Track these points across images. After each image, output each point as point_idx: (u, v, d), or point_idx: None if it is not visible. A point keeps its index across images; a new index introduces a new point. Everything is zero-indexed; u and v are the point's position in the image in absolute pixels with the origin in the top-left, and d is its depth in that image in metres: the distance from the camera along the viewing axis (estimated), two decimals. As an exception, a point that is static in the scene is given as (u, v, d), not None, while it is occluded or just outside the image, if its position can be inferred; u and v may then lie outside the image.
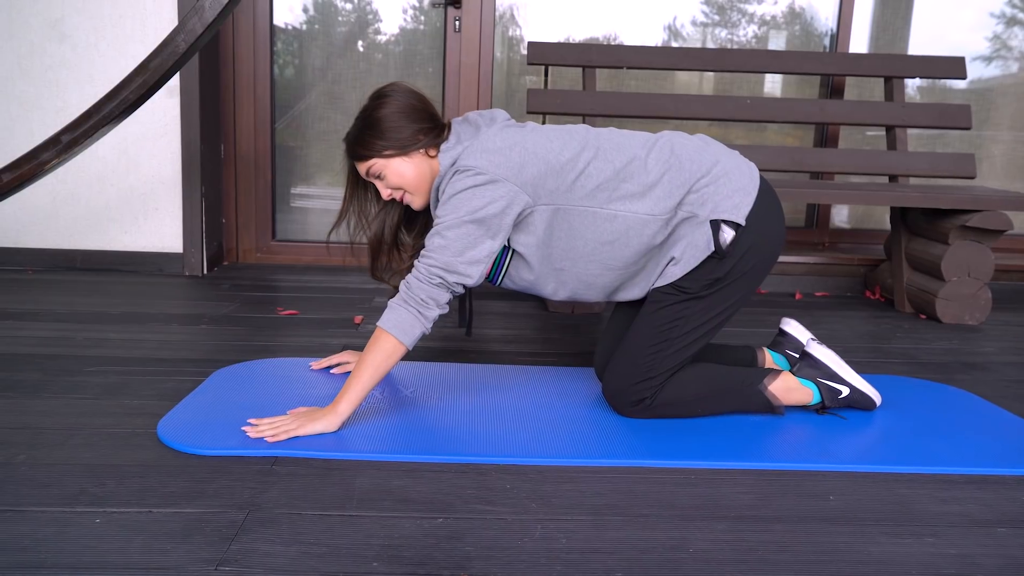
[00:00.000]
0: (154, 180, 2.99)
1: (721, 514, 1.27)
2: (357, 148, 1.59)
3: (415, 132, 1.57)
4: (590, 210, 1.54)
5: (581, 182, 1.53)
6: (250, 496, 1.25)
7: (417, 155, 1.59)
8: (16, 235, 2.99)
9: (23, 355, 1.92)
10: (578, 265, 1.58)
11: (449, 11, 3.23)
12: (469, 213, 1.48)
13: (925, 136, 3.49)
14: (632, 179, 1.54)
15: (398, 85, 1.61)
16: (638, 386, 1.59)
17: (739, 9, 3.36)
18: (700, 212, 1.53)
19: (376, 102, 1.59)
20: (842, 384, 1.68)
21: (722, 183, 1.55)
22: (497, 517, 1.22)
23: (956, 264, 2.63)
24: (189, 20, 2.28)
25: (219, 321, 2.33)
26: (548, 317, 2.56)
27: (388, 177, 1.59)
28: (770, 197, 1.60)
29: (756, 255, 1.57)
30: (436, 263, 1.48)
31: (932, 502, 1.33)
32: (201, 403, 1.62)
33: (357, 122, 1.60)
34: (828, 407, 1.69)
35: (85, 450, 1.40)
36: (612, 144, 1.58)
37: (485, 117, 1.62)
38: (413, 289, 1.48)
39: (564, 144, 1.56)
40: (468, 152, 1.53)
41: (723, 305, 1.59)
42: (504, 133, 1.55)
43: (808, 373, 1.69)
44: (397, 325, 1.47)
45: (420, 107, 1.59)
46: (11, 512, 1.17)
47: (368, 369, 1.47)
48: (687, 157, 1.57)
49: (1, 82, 2.89)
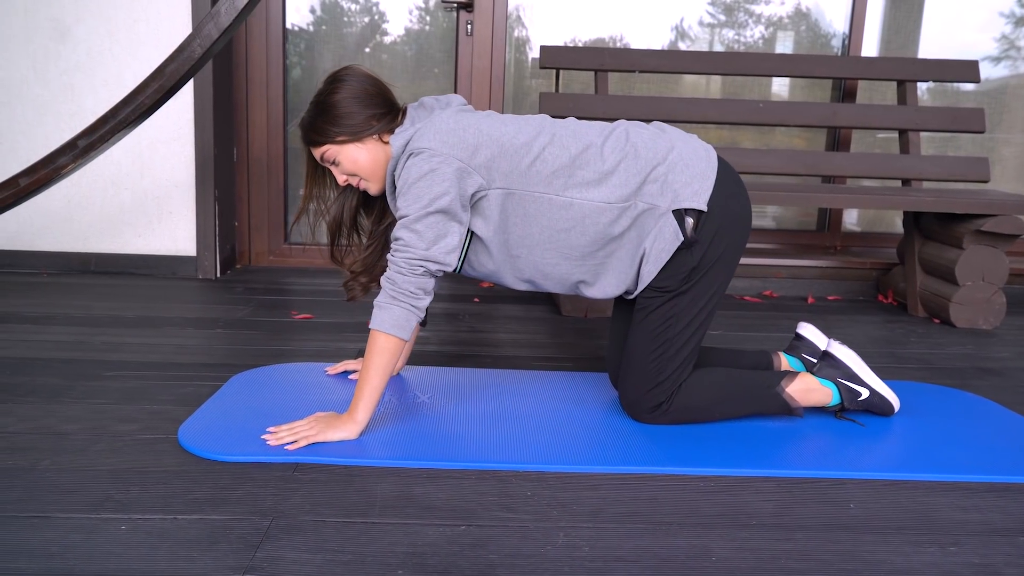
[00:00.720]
0: (168, 184, 3.00)
1: (743, 522, 1.27)
2: (310, 134, 1.57)
3: (368, 118, 1.55)
4: (545, 196, 1.53)
5: (537, 167, 1.52)
6: (273, 503, 1.26)
7: (371, 141, 1.57)
8: (31, 238, 3.00)
9: (42, 359, 1.93)
10: (534, 253, 1.57)
11: (461, 14, 3.23)
12: (431, 202, 1.46)
13: (937, 139, 3.49)
14: (588, 166, 1.53)
15: (353, 69, 1.58)
16: (651, 393, 1.60)
17: (746, 10, 3.36)
18: (660, 203, 1.52)
19: (330, 87, 1.56)
20: (862, 386, 1.68)
21: (679, 170, 1.54)
22: (519, 524, 1.23)
23: (970, 268, 2.62)
24: (205, 25, 2.29)
25: (234, 325, 2.34)
26: (561, 321, 2.56)
27: (342, 163, 1.58)
28: (730, 178, 1.59)
29: (725, 238, 1.56)
30: (414, 255, 1.47)
31: (953, 510, 1.33)
32: (220, 408, 1.63)
33: (311, 107, 1.58)
34: (847, 409, 1.68)
35: (108, 455, 1.41)
36: (568, 131, 1.57)
37: (441, 101, 1.60)
38: (399, 284, 1.47)
39: (519, 129, 1.55)
40: (420, 133, 1.51)
41: (707, 294, 1.58)
42: (458, 116, 1.54)
43: (828, 373, 1.69)
44: (394, 324, 1.47)
45: (374, 91, 1.57)
46: (38, 518, 1.18)
47: (376, 372, 1.48)
48: (642, 145, 1.56)
49: (16, 86, 2.90)
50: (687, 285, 1.56)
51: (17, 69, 2.89)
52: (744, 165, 2.93)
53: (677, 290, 1.56)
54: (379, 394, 1.50)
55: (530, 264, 1.59)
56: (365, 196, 1.71)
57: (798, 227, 3.52)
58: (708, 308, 1.59)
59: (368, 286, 1.71)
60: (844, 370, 1.69)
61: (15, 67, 2.89)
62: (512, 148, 1.52)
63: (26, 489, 1.27)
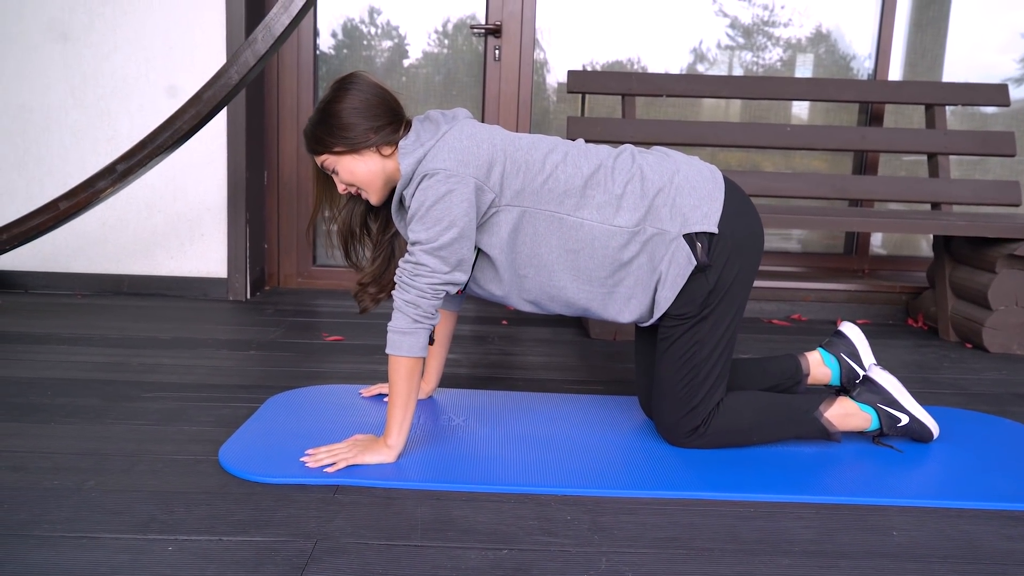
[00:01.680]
0: (200, 207, 3.05)
1: (784, 548, 1.26)
2: (310, 142, 1.57)
3: (367, 130, 1.52)
4: (556, 215, 1.52)
5: (549, 185, 1.52)
6: (316, 525, 1.27)
7: (368, 153, 1.54)
8: (67, 260, 3.06)
9: (82, 380, 1.96)
10: (541, 273, 1.56)
11: (489, 40, 3.28)
12: (451, 225, 1.45)
13: (965, 162, 3.47)
14: (599, 187, 1.53)
15: (359, 77, 1.55)
16: (685, 418, 1.60)
17: (765, 32, 3.38)
18: (671, 228, 1.52)
19: (334, 95, 1.54)
20: (902, 412, 1.67)
21: (686, 193, 1.54)
22: (561, 549, 1.23)
23: (1003, 293, 2.60)
24: (242, 53, 2.33)
25: (267, 347, 2.36)
26: (589, 344, 2.57)
27: (340, 173, 1.57)
28: (737, 197, 1.59)
29: (739, 258, 1.56)
30: (439, 280, 1.47)
31: (998, 539, 1.31)
32: (258, 430, 1.64)
33: (314, 113, 1.56)
34: (886, 434, 1.67)
35: (151, 476, 1.42)
36: (580, 151, 1.57)
37: (447, 116, 1.58)
38: (423, 308, 1.47)
39: (532, 145, 1.55)
40: (434, 152, 1.49)
41: (729, 316, 1.58)
42: (471, 130, 1.53)
43: (868, 398, 1.68)
44: (421, 348, 1.48)
45: (377, 102, 1.53)
46: (87, 539, 1.20)
47: (410, 396, 1.49)
48: (648, 167, 1.56)
49: (55, 112, 2.97)
50: (707, 310, 1.56)
51: (56, 94, 2.96)
52: (771, 188, 2.93)
53: (698, 315, 1.56)
54: (411, 416, 1.51)
55: (536, 284, 1.58)
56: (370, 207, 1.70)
57: (825, 250, 3.51)
58: (731, 329, 1.59)
59: (377, 297, 1.70)
60: (884, 395, 1.68)
61: (54, 92, 2.96)
62: (525, 165, 1.52)
63: (73, 509, 1.29)
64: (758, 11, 3.36)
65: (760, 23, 3.37)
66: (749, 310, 3.12)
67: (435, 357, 1.88)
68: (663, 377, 1.61)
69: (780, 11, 3.36)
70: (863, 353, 1.83)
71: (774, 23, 3.37)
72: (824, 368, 1.83)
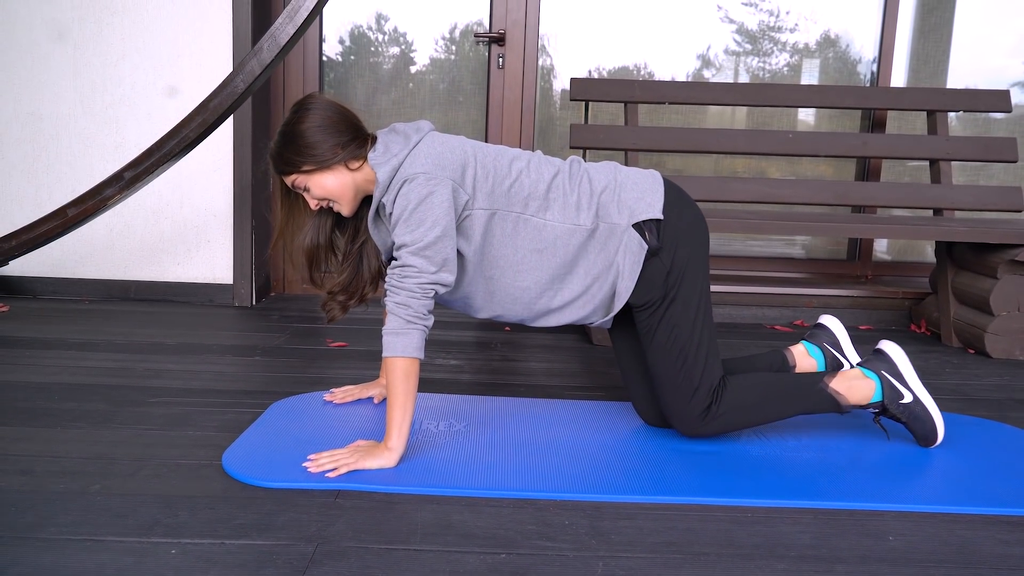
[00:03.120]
0: (206, 213, 3.08)
1: (781, 553, 1.27)
2: (278, 163, 1.61)
3: (333, 147, 1.57)
4: (523, 216, 1.60)
5: (515, 189, 1.59)
6: (317, 529, 1.28)
7: (337, 167, 1.59)
8: (75, 266, 3.09)
9: (89, 385, 1.99)
10: (507, 274, 1.62)
11: (493, 48, 3.30)
12: (434, 225, 1.50)
13: (968, 167, 3.48)
14: (559, 191, 1.62)
15: (317, 97, 1.61)
16: (693, 402, 1.62)
17: (771, 38, 3.39)
18: (620, 221, 1.61)
19: (295, 116, 1.59)
20: (906, 388, 1.68)
21: (628, 188, 1.64)
22: (559, 553, 1.24)
23: (1005, 298, 2.61)
24: (248, 62, 2.36)
25: (271, 352, 2.39)
26: (591, 351, 2.58)
27: (312, 189, 1.61)
28: (676, 191, 1.68)
29: (688, 241, 1.64)
30: (427, 280, 1.51)
31: (995, 544, 1.32)
32: (262, 435, 1.66)
33: (278, 136, 1.60)
34: (887, 410, 1.67)
35: (155, 481, 1.45)
36: (540, 159, 1.66)
37: (411, 127, 1.63)
38: (414, 308, 1.50)
39: (499, 152, 1.64)
40: (411, 159, 1.55)
41: (696, 296, 1.64)
42: (442, 139, 1.59)
43: (874, 365, 1.69)
44: (418, 348, 1.51)
45: (338, 119, 1.59)
46: (92, 542, 1.22)
47: (408, 398, 1.51)
48: (593, 170, 1.67)
49: (64, 120, 3.00)
50: (672, 292, 1.62)
51: (65, 103, 3.00)
52: (774, 195, 2.94)
53: (664, 298, 1.62)
54: (411, 419, 1.53)
55: (502, 286, 1.64)
56: (338, 217, 1.74)
57: (828, 256, 3.51)
58: (703, 308, 1.65)
59: (346, 304, 1.74)
60: (891, 367, 1.68)
61: (63, 101, 2.99)
62: (494, 170, 1.60)
63: (79, 513, 1.31)
64: (764, 17, 3.37)
65: (766, 28, 3.39)
66: (751, 316, 3.13)
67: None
68: (657, 371, 1.65)
69: (786, 16, 3.37)
70: (844, 344, 1.88)
71: (780, 28, 3.39)
72: (809, 359, 1.88)
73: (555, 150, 3.45)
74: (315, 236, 1.71)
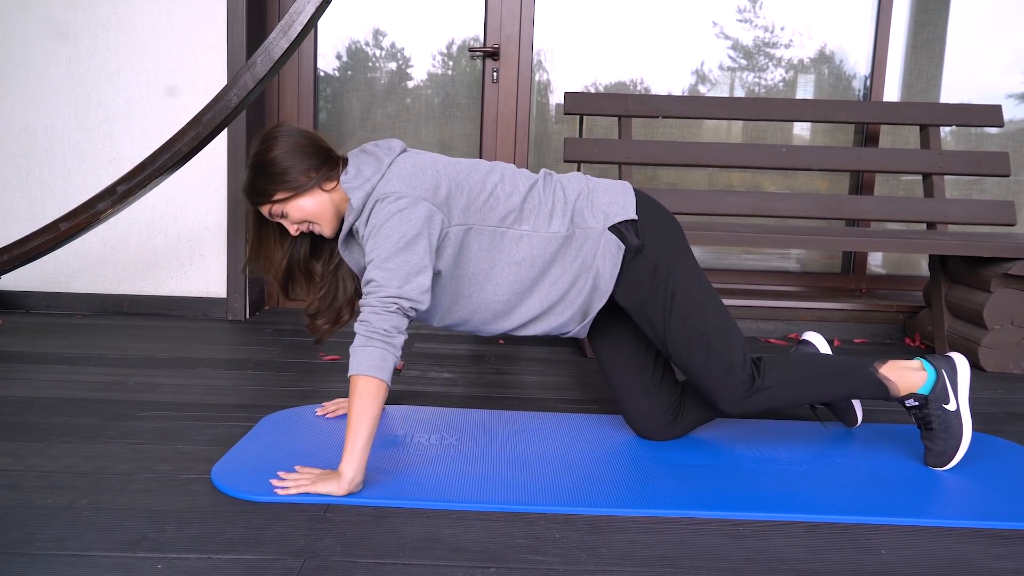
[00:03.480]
0: (200, 227, 3.07)
1: (773, 567, 1.26)
2: (253, 195, 1.61)
3: (305, 170, 1.57)
4: (499, 230, 1.60)
5: (491, 203, 1.60)
6: (305, 543, 1.27)
7: (313, 190, 1.59)
8: (67, 280, 3.08)
9: (80, 399, 1.98)
10: (486, 289, 1.62)
11: (487, 62, 3.31)
12: (400, 239, 1.49)
13: (962, 182, 3.49)
14: (534, 202, 1.63)
15: (283, 126, 1.61)
16: (730, 380, 1.62)
17: (767, 53, 3.41)
18: (595, 224, 1.63)
19: (263, 146, 1.59)
20: (955, 398, 1.66)
21: (600, 194, 1.67)
22: (548, 568, 1.23)
23: (999, 312, 2.61)
24: (241, 76, 2.37)
25: (264, 366, 2.38)
26: (586, 364, 2.57)
27: (290, 214, 1.60)
28: (645, 196, 1.72)
29: (666, 234, 1.67)
30: (388, 293, 1.47)
31: (988, 558, 1.31)
32: (253, 449, 1.65)
33: (248, 169, 1.60)
34: (927, 406, 1.65)
35: (144, 495, 1.43)
36: (514, 172, 1.67)
37: (382, 147, 1.63)
38: (374, 324, 1.45)
39: (472, 167, 1.64)
40: (384, 182, 1.55)
41: (693, 281, 1.65)
42: (414, 159, 1.59)
43: (937, 362, 1.68)
44: (374, 365, 1.43)
45: (307, 144, 1.59)
46: (77, 556, 1.21)
47: (362, 421, 1.42)
48: (566, 180, 1.70)
49: (58, 133, 3.01)
50: (668, 284, 1.63)
51: (59, 117, 3.00)
52: (769, 208, 2.95)
53: (662, 293, 1.63)
54: (368, 443, 1.44)
55: (482, 300, 1.64)
56: (313, 241, 1.73)
57: (823, 270, 3.52)
58: (704, 288, 1.66)
59: (325, 327, 1.75)
60: (952, 371, 1.67)
61: (57, 115, 3.00)
62: (468, 186, 1.60)
63: (66, 528, 1.30)
64: (759, 32, 3.40)
65: (761, 44, 3.41)
66: (746, 329, 3.12)
67: None
68: (687, 364, 1.65)
69: (781, 32, 3.40)
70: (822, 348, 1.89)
71: (775, 44, 3.41)
72: None
73: (550, 164, 3.45)
74: (289, 260, 1.71)
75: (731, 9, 3.39)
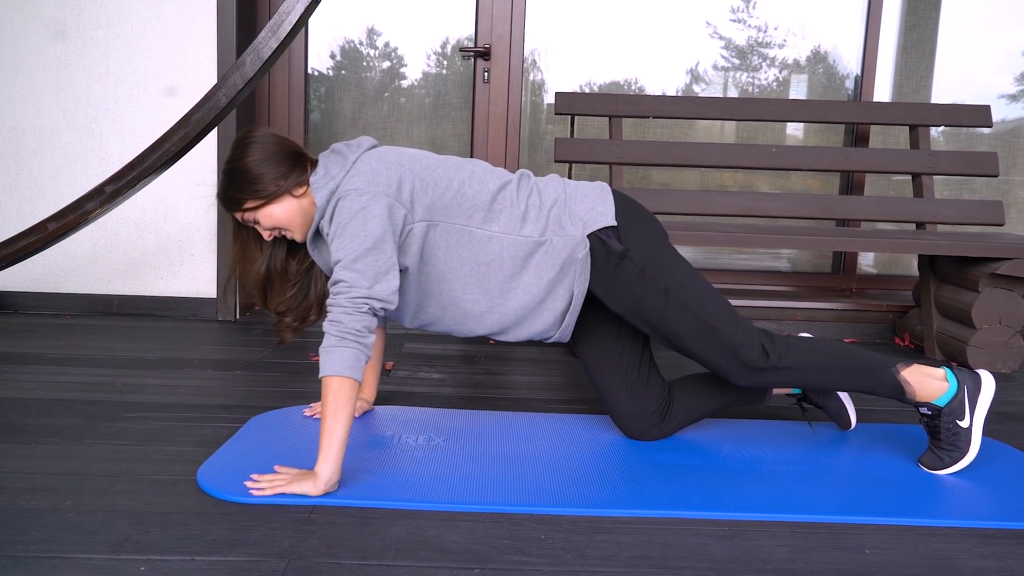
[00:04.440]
0: (190, 228, 3.07)
1: (757, 567, 1.26)
2: (225, 203, 1.61)
3: (274, 179, 1.57)
4: (467, 229, 1.59)
5: (458, 200, 1.59)
6: (290, 545, 1.27)
7: (283, 197, 1.59)
8: (56, 281, 3.07)
9: (65, 400, 1.97)
10: (455, 289, 1.62)
11: (478, 62, 3.31)
12: (366, 239, 1.48)
13: (952, 182, 3.50)
14: (505, 202, 1.62)
15: (255, 132, 1.62)
16: (742, 355, 1.62)
17: (760, 53, 3.42)
18: (574, 232, 1.62)
19: (234, 154, 1.60)
20: (970, 416, 1.64)
21: (578, 201, 1.66)
22: (533, 568, 1.23)
23: (987, 312, 2.62)
24: (230, 75, 2.36)
25: (253, 367, 2.37)
26: (576, 364, 2.57)
27: (261, 221, 1.61)
28: (623, 197, 1.71)
29: (645, 234, 1.66)
30: (358, 294, 1.46)
31: (971, 557, 1.32)
32: (239, 450, 1.65)
33: (221, 176, 1.62)
34: (939, 417, 1.64)
35: (128, 497, 1.43)
36: (484, 169, 1.66)
37: (352, 145, 1.63)
38: (346, 324, 1.44)
39: (440, 163, 1.63)
40: (347, 180, 1.55)
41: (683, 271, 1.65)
42: (379, 155, 1.59)
43: (962, 376, 1.66)
44: (345, 365, 1.42)
45: (277, 150, 1.59)
46: (60, 559, 1.20)
47: (339, 420, 1.42)
48: (543, 184, 1.68)
49: (48, 134, 3.00)
50: (660, 282, 1.62)
51: (48, 117, 2.99)
52: (759, 208, 2.95)
53: (655, 292, 1.62)
54: (344, 442, 1.44)
55: (452, 301, 1.63)
56: (291, 243, 1.74)
57: (813, 269, 3.53)
58: (695, 278, 1.66)
59: (294, 326, 1.73)
60: (975, 389, 1.65)
61: (47, 115, 2.99)
62: (433, 182, 1.59)
63: (48, 530, 1.29)
64: (752, 33, 3.40)
65: (755, 44, 3.41)
66: (737, 329, 3.13)
67: (369, 369, 1.92)
68: (694, 353, 1.66)
69: (774, 32, 3.40)
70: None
71: (768, 44, 3.42)
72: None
73: (542, 164, 3.46)
74: (268, 265, 1.71)
75: (724, 9, 3.39)
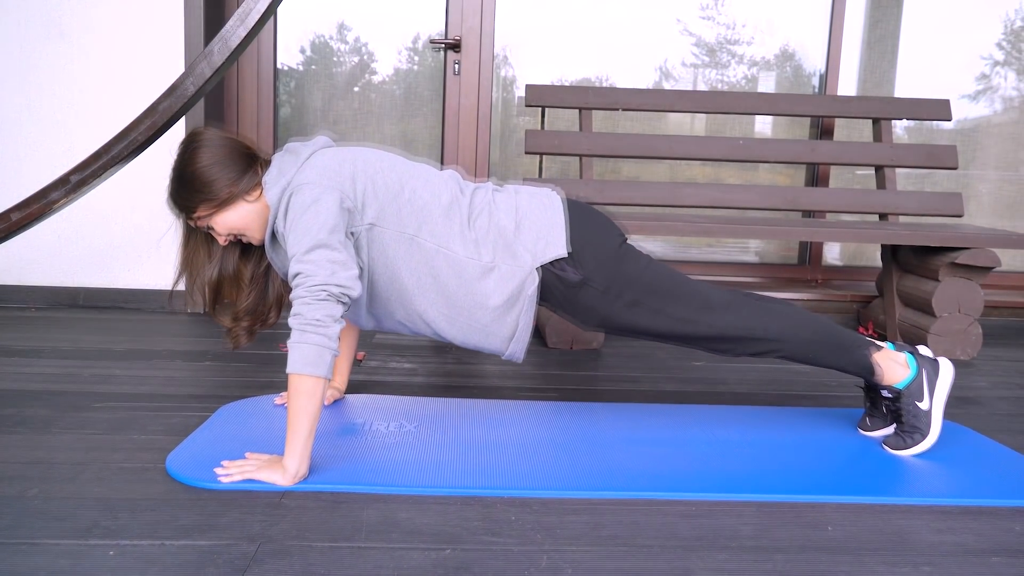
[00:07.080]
0: (157, 218, 3.03)
1: (722, 544, 1.29)
2: (177, 207, 1.58)
3: (227, 184, 1.53)
4: (416, 239, 1.55)
5: (408, 208, 1.56)
6: (260, 528, 1.27)
7: (236, 202, 1.56)
8: (20, 272, 3.02)
9: (31, 391, 1.94)
10: (404, 296, 1.58)
11: (449, 54, 3.31)
12: (320, 230, 1.45)
13: (914, 175, 3.58)
14: (456, 217, 1.58)
15: (204, 134, 1.57)
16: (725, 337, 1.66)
17: (729, 51, 3.46)
18: (524, 262, 1.58)
19: (183, 157, 1.55)
20: (930, 399, 1.69)
21: (526, 229, 1.60)
22: (504, 548, 1.25)
23: (947, 300, 2.68)
24: (198, 64, 2.34)
25: (222, 357, 2.36)
26: (546, 353, 2.59)
27: (216, 227, 1.58)
28: (578, 210, 1.66)
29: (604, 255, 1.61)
30: (315, 282, 1.42)
31: (929, 532, 1.36)
32: (208, 438, 1.64)
33: (171, 179, 1.57)
34: (899, 399, 1.69)
35: (96, 484, 1.42)
36: (439, 178, 1.62)
37: (307, 144, 1.61)
38: (306, 315, 1.40)
39: (391, 166, 1.59)
40: (299, 172, 1.52)
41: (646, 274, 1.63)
42: (333, 152, 1.57)
43: (921, 362, 1.71)
44: (308, 362, 1.39)
45: (229, 153, 1.55)
46: (26, 544, 1.19)
47: (302, 418, 1.41)
48: (496, 205, 1.62)
49: (10, 125, 2.94)
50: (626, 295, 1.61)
51: (12, 108, 2.94)
52: (726, 200, 2.99)
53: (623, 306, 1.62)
54: (309, 439, 1.43)
55: (401, 306, 1.60)
56: (243, 246, 1.68)
57: (780, 261, 3.58)
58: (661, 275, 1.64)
59: (252, 329, 1.68)
60: (932, 373, 1.70)
61: (9, 105, 2.93)
62: (384, 185, 1.56)
63: (15, 517, 1.28)
64: (721, 30, 3.44)
65: (724, 41, 3.45)
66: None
67: (341, 358, 1.91)
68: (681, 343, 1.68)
69: (742, 30, 3.45)
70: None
71: (737, 41, 3.46)
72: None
73: (513, 157, 3.47)
74: (220, 270, 1.65)
75: (694, 6, 3.43)
